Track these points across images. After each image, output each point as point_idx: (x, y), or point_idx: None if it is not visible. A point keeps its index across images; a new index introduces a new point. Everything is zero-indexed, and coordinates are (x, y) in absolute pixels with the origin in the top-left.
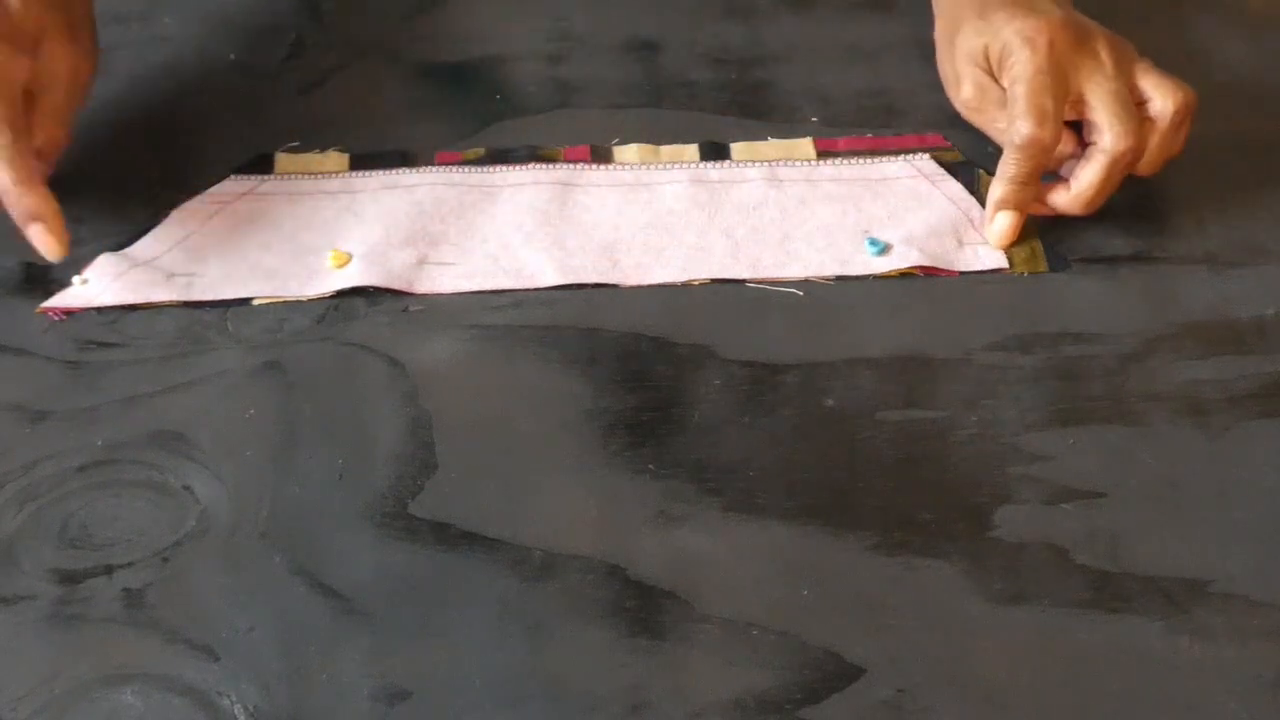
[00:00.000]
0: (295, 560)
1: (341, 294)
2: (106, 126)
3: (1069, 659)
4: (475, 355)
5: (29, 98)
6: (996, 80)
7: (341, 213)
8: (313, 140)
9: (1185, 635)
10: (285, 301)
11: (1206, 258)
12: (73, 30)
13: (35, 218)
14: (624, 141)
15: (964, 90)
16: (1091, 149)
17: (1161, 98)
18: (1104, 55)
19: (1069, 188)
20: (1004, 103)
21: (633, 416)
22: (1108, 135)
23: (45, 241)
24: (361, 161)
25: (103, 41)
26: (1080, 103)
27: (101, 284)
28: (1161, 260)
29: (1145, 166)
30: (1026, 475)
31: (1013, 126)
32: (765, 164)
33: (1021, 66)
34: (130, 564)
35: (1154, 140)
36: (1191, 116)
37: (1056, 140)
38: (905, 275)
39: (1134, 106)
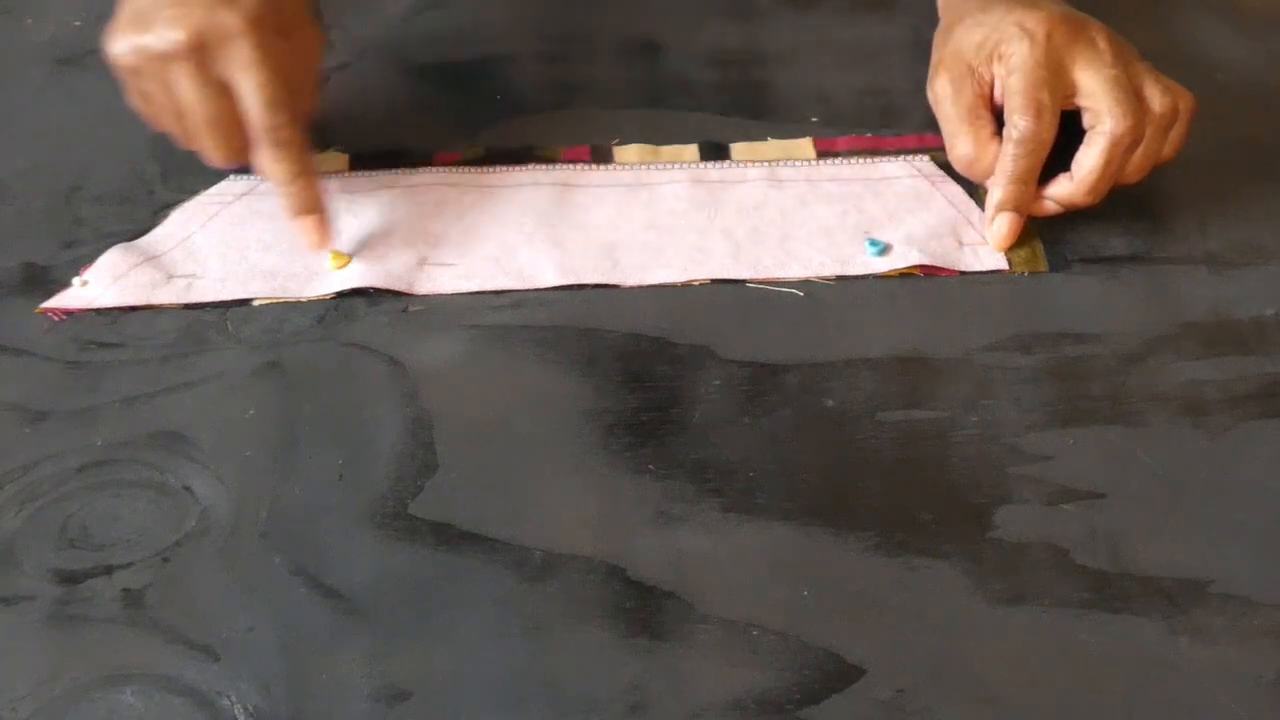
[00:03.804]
0: (295, 560)
1: (341, 294)
2: (107, 126)
3: (1069, 659)
4: (475, 355)
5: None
6: (975, 82)
7: (341, 213)
8: (313, 140)
9: (1185, 635)
10: (285, 302)
11: (1206, 258)
12: (315, 10)
13: (310, 210)
14: (624, 141)
15: (938, 81)
16: (1091, 134)
17: (1151, 99)
18: (1102, 45)
19: (1070, 178)
20: (969, 105)
21: (633, 416)
22: (1108, 118)
23: (318, 234)
24: (361, 161)
25: (102, 42)
26: (1078, 93)
27: (101, 285)
28: (1161, 260)
29: (1132, 171)
30: (1026, 475)
31: (1010, 122)
32: (765, 164)
33: (1019, 58)
34: (130, 564)
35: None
36: (1186, 123)
37: (1053, 136)
38: (905, 275)
39: (1133, 92)
